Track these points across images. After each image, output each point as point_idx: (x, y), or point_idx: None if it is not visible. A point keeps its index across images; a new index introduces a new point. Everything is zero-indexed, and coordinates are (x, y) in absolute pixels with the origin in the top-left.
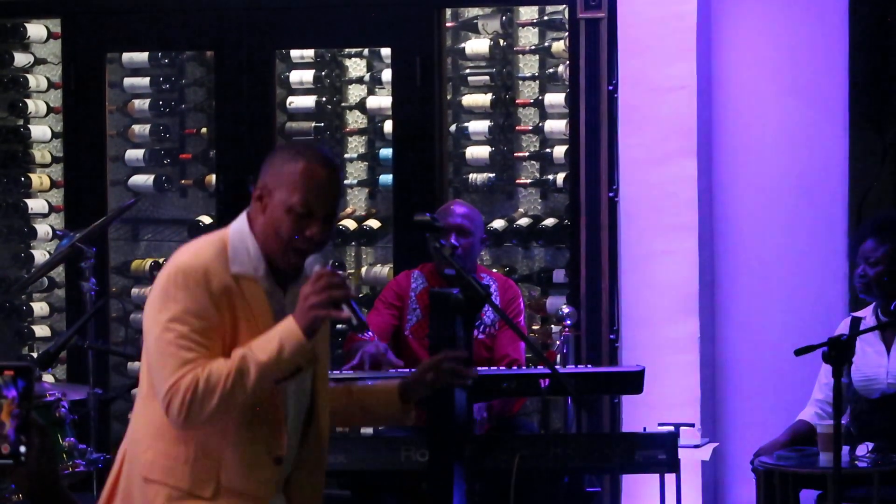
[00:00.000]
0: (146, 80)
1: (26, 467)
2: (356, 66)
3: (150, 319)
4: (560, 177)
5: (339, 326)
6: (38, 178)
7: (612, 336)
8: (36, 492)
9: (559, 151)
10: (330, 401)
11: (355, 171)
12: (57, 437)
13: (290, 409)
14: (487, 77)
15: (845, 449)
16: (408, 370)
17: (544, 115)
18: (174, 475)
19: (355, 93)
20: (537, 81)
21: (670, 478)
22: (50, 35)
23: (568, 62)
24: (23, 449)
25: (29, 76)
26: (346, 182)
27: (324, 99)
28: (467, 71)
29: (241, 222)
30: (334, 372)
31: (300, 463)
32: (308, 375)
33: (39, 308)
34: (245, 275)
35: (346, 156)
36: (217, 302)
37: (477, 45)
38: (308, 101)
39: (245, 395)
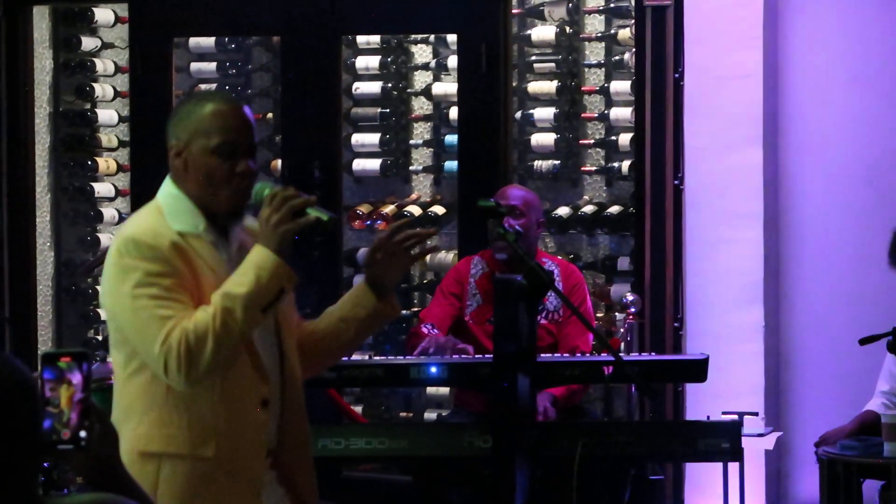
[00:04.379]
0: (213, 65)
1: (86, 452)
2: (422, 53)
3: (114, 297)
4: (625, 164)
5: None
6: (105, 162)
7: (676, 324)
8: (95, 476)
9: (624, 139)
10: (313, 333)
11: (420, 158)
12: None
13: (261, 355)
14: (553, 64)
15: None
16: (475, 355)
17: (610, 103)
18: (173, 442)
19: (421, 79)
20: (603, 69)
21: (733, 466)
22: (117, 19)
23: (634, 50)
24: (83, 434)
25: (96, 60)
26: (411, 168)
27: (389, 85)
28: (533, 58)
29: (167, 186)
30: (397, 357)
31: (285, 412)
32: (270, 324)
33: None
34: (188, 232)
35: (411, 142)
36: (172, 258)
37: (543, 32)
38: (374, 87)
39: (237, 331)
